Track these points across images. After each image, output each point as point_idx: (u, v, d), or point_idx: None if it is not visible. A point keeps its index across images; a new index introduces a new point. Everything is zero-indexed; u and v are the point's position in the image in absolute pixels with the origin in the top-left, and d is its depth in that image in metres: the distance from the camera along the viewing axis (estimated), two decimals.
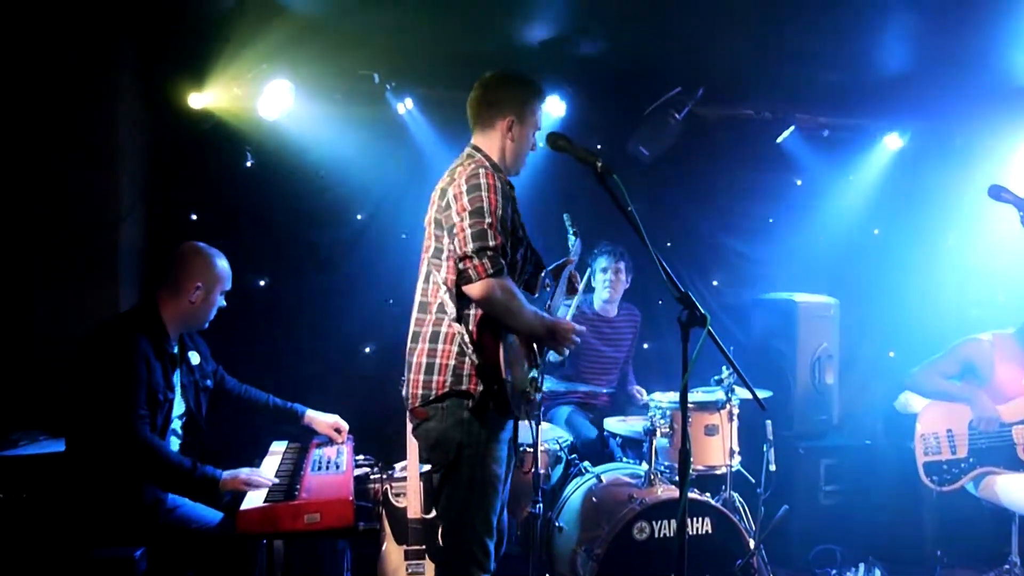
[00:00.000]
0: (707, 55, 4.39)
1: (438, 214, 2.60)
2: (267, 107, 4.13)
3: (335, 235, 4.59)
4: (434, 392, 2.56)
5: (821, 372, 4.65)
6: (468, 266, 2.47)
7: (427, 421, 2.60)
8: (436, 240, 2.61)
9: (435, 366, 2.57)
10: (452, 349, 2.56)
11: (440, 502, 2.63)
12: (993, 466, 3.81)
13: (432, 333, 2.59)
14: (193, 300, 2.96)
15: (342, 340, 4.55)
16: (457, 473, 2.57)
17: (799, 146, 5.21)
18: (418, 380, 2.59)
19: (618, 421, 4.18)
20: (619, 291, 4.50)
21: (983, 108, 4.98)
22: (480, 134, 2.76)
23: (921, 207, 5.40)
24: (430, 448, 2.62)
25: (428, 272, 2.65)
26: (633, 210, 2.32)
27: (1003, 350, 3.92)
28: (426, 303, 2.64)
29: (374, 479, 3.67)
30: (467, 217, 2.49)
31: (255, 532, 2.56)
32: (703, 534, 3.37)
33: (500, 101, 2.72)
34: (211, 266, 3.01)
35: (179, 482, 2.82)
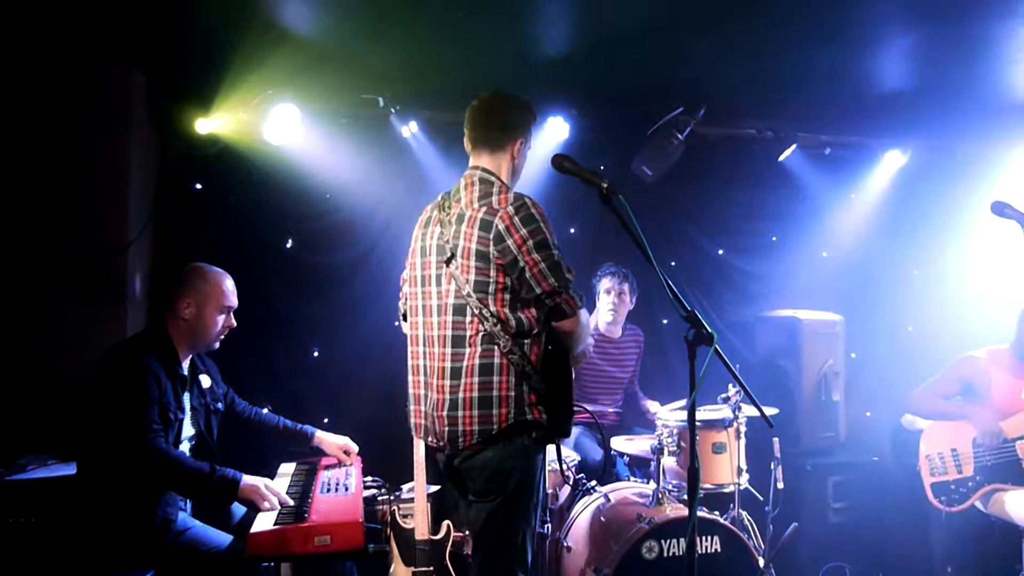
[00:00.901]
0: (709, 75, 4.42)
1: (480, 246, 2.50)
2: (273, 131, 4.18)
3: (341, 257, 4.62)
4: (497, 426, 2.50)
5: (827, 389, 4.64)
6: (559, 301, 2.50)
7: (482, 452, 2.53)
8: (479, 273, 2.50)
9: (493, 399, 2.50)
10: (510, 380, 2.51)
11: (490, 530, 2.56)
12: (1000, 483, 3.80)
13: (482, 366, 2.51)
14: (186, 317, 2.98)
15: (348, 362, 4.56)
16: (518, 501, 2.56)
17: (801, 164, 5.25)
18: (471, 416, 2.50)
19: (625, 440, 4.18)
20: (623, 313, 4.52)
21: (983, 125, 5.02)
22: (489, 156, 2.68)
23: (923, 223, 5.42)
24: (487, 478, 2.54)
25: (463, 305, 2.53)
26: (639, 230, 2.33)
27: (999, 365, 3.93)
28: (463, 337, 2.53)
29: (382, 500, 3.67)
30: (534, 251, 2.48)
31: (266, 555, 2.56)
32: (712, 553, 3.35)
33: (513, 124, 2.69)
34: (202, 282, 3.04)
35: (199, 486, 2.82)
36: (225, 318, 3.09)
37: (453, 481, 2.72)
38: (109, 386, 2.83)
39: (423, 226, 2.76)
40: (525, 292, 2.52)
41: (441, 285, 2.60)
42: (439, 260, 2.62)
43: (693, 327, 2.30)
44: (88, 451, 2.89)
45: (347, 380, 4.56)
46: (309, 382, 4.51)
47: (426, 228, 2.73)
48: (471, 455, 2.55)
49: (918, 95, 4.65)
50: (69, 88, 3.88)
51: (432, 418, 2.60)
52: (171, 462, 2.79)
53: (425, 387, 2.63)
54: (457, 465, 2.60)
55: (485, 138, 2.69)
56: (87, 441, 2.88)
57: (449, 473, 2.69)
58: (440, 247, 2.62)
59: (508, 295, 2.53)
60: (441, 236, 2.61)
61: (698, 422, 3.70)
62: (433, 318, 2.62)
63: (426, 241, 2.70)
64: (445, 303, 2.58)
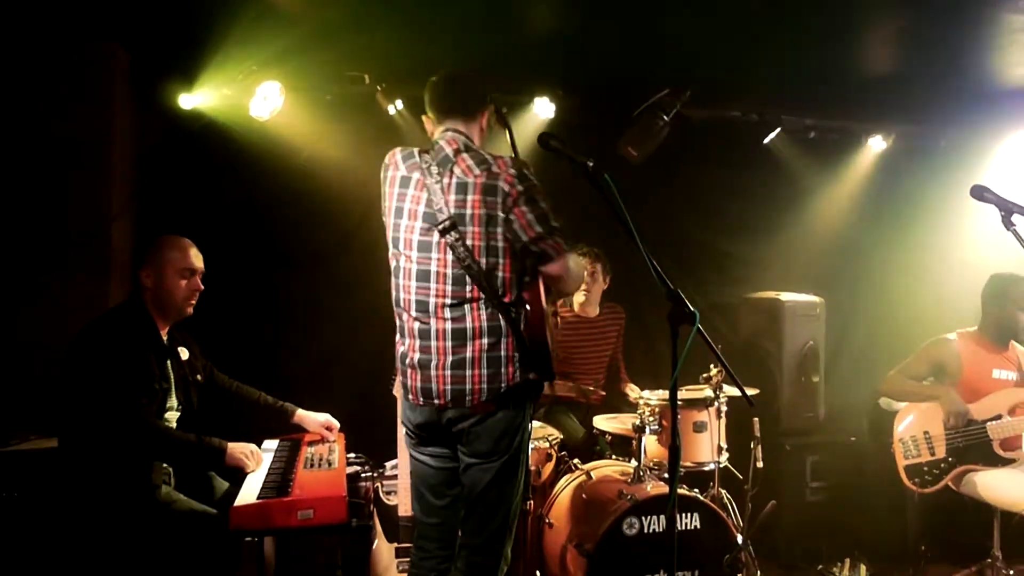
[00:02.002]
0: (695, 57, 4.43)
1: (489, 210, 2.53)
2: (258, 108, 4.15)
3: (327, 236, 4.61)
4: (505, 383, 2.54)
5: (807, 370, 4.69)
6: (544, 246, 2.52)
7: (493, 414, 2.56)
8: (490, 238, 2.54)
9: (502, 359, 2.55)
10: (515, 340, 2.57)
11: (492, 490, 2.60)
12: (972, 464, 3.87)
13: (490, 328, 2.55)
14: (148, 286, 3.03)
15: (333, 340, 4.57)
16: (519, 459, 2.64)
17: (785, 147, 5.28)
18: (480, 375, 2.53)
19: (607, 419, 4.22)
20: (596, 292, 4.56)
21: (966, 110, 5.06)
22: (463, 123, 2.73)
23: (905, 207, 5.48)
24: (496, 439, 2.57)
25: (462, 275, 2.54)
26: (624, 211, 2.35)
27: (969, 348, 4.00)
28: (464, 302, 2.55)
29: (365, 477, 3.69)
30: (524, 203, 2.53)
31: (248, 528, 2.58)
32: (691, 529, 3.40)
33: (482, 94, 2.77)
34: (158, 249, 3.08)
35: (188, 455, 2.91)
36: (188, 282, 3.08)
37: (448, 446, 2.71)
38: (93, 359, 2.84)
39: (399, 184, 2.69)
40: (514, 246, 2.55)
41: (435, 253, 2.58)
42: (427, 226, 2.58)
43: (676, 306, 2.31)
44: (70, 425, 2.89)
45: (332, 357, 4.57)
46: (294, 359, 4.51)
47: (405, 188, 2.67)
48: (482, 418, 2.56)
49: (902, 80, 4.68)
50: (51, 63, 3.83)
51: (433, 379, 2.58)
52: (159, 434, 2.85)
53: (422, 351, 2.59)
54: (465, 428, 2.59)
55: (459, 107, 2.74)
56: (70, 414, 2.89)
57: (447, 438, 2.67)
58: (428, 214, 2.58)
59: (513, 260, 2.57)
60: (430, 203, 2.58)
61: (680, 401, 3.71)
62: (431, 284, 2.59)
63: (404, 204, 2.65)
64: (443, 272, 2.57)
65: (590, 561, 3.23)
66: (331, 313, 4.54)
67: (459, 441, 2.64)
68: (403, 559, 3.61)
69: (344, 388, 4.44)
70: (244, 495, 2.69)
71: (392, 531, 3.65)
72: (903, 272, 5.52)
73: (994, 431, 3.85)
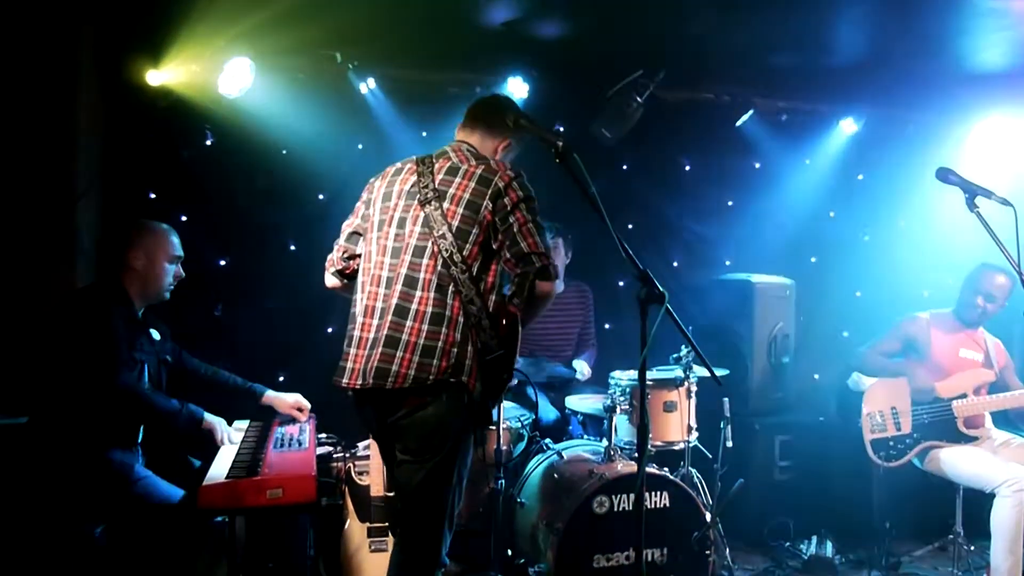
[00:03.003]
0: (668, 38, 4.44)
1: (475, 196, 2.53)
2: (227, 84, 4.09)
3: (297, 215, 4.57)
4: (433, 376, 2.46)
5: (777, 351, 4.74)
6: (547, 263, 2.52)
7: (423, 408, 2.50)
8: (464, 221, 2.52)
9: (436, 350, 2.47)
10: (457, 335, 2.49)
11: (422, 492, 2.54)
12: (936, 440, 3.95)
13: (433, 315, 2.49)
14: (138, 268, 3.11)
15: (304, 320, 4.54)
16: (452, 462, 2.54)
17: (758, 130, 5.30)
18: (409, 360, 2.47)
19: (579, 399, 4.25)
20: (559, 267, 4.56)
21: (936, 94, 5.11)
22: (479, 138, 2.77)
23: (875, 191, 5.54)
24: (425, 436, 2.52)
25: (423, 247, 2.53)
26: (594, 190, 2.34)
27: (940, 327, 4.08)
28: (417, 279, 2.52)
29: (337, 457, 3.69)
30: (526, 211, 2.53)
31: (217, 507, 2.57)
32: (661, 508, 3.44)
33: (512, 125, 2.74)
34: (148, 233, 3.18)
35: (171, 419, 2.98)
36: (175, 269, 3.22)
37: (380, 440, 2.70)
38: (75, 330, 2.90)
39: (389, 176, 2.73)
40: (508, 249, 2.51)
41: (405, 227, 2.58)
42: (408, 203, 2.60)
43: (645, 286, 2.30)
44: (42, 401, 2.90)
45: (303, 338, 4.53)
46: (264, 339, 4.47)
47: (394, 177, 2.71)
48: (410, 412, 2.51)
49: (873, 64, 4.71)
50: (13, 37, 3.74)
51: (365, 357, 2.54)
52: (145, 397, 2.92)
53: (376, 330, 2.55)
54: (391, 422, 2.56)
55: (482, 123, 2.78)
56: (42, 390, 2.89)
57: (379, 429, 2.65)
58: (412, 192, 2.61)
59: (483, 251, 2.55)
60: (416, 184, 2.61)
61: (650, 381, 3.77)
62: (387, 259, 2.59)
63: (392, 188, 2.67)
64: (406, 244, 2.56)
65: (560, 539, 3.26)
66: (302, 293, 4.49)
67: (393, 437, 2.60)
68: (375, 538, 3.61)
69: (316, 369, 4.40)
70: (213, 474, 2.68)
71: (364, 511, 3.65)
72: (873, 254, 5.59)
73: (959, 409, 3.93)
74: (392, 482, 2.74)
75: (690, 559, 3.45)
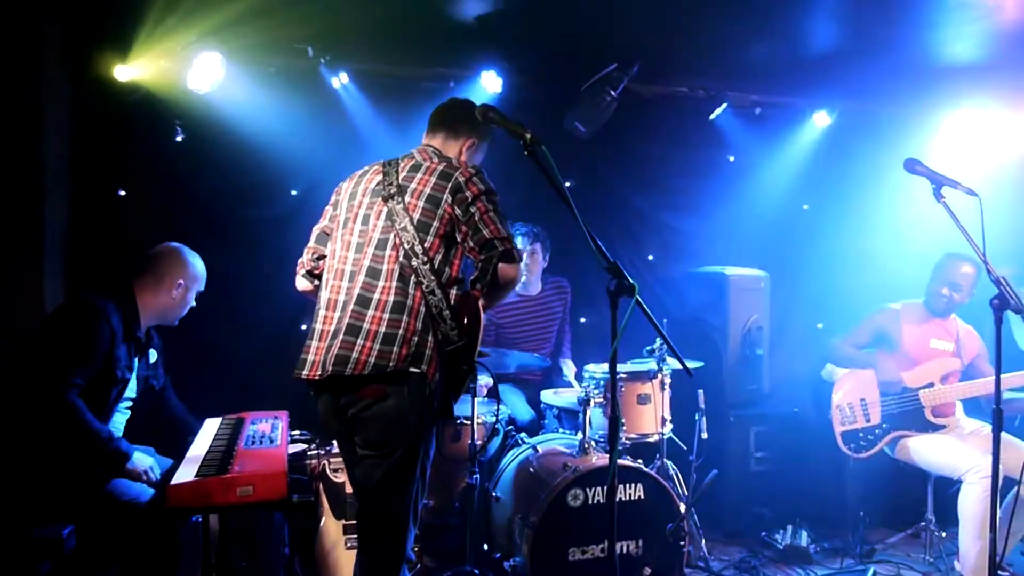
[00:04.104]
0: (642, 32, 4.44)
1: (435, 191, 2.59)
2: (197, 80, 4.05)
3: (269, 212, 4.53)
4: (393, 364, 2.47)
5: (752, 343, 4.77)
6: (510, 247, 2.56)
7: (383, 400, 2.50)
8: (424, 214, 2.58)
9: (397, 338, 2.49)
10: (418, 324, 2.52)
11: (386, 486, 2.54)
12: (905, 430, 4.00)
13: (395, 303, 2.52)
14: (175, 296, 3.20)
15: (277, 317, 4.50)
16: (415, 455, 2.54)
17: (732, 123, 5.32)
18: (370, 348, 2.48)
19: (554, 393, 4.26)
20: (536, 271, 4.58)
21: (907, 87, 5.15)
22: (442, 140, 2.85)
23: (848, 183, 5.58)
24: (386, 429, 2.52)
25: (385, 240, 2.57)
26: (562, 181, 2.33)
27: (911, 318, 4.13)
28: (379, 270, 2.56)
29: (312, 455, 3.68)
30: (488, 201, 2.59)
31: (186, 506, 2.54)
32: (636, 500, 3.45)
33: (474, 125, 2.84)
34: (194, 267, 3.29)
35: (92, 447, 2.85)
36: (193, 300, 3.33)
37: (338, 436, 2.69)
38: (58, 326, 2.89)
39: (356, 178, 2.81)
40: (471, 238, 2.56)
41: (368, 223, 2.64)
42: (372, 200, 2.67)
43: (615, 278, 2.32)
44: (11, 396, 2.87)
45: (278, 337, 4.50)
46: (238, 339, 4.44)
47: (360, 178, 2.78)
48: (370, 404, 2.51)
49: (845, 58, 4.74)
50: None
51: (326, 348, 2.55)
52: (77, 415, 2.80)
53: (338, 321, 2.57)
54: (352, 415, 2.56)
55: (448, 124, 2.86)
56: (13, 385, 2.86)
57: (338, 422, 2.64)
58: (376, 190, 2.68)
59: (444, 243, 2.59)
60: (381, 182, 2.68)
61: (624, 374, 3.78)
62: (350, 253, 2.64)
63: (358, 187, 2.75)
64: (369, 238, 2.62)
65: (535, 532, 3.27)
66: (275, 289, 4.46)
67: (354, 431, 2.59)
68: (351, 535, 3.60)
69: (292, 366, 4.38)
70: (182, 473, 2.64)
71: (340, 508, 3.64)
72: (846, 246, 5.63)
73: (926, 398, 3.98)
74: (353, 479, 2.72)
75: (665, 550, 3.46)
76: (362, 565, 2.65)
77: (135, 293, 3.10)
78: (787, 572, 4.05)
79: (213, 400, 3.62)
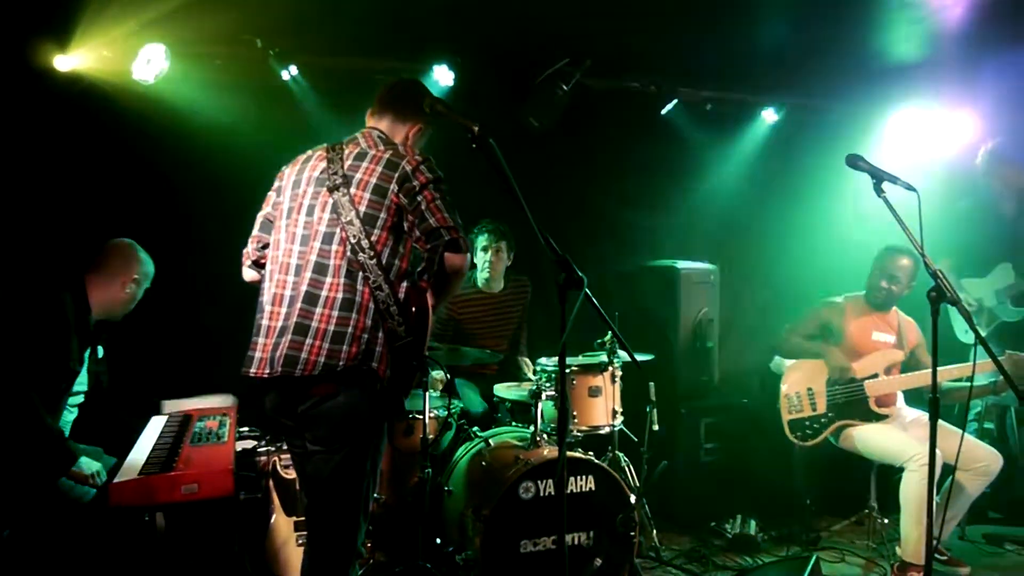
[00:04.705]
0: (594, 27, 4.47)
1: (381, 181, 2.53)
2: (142, 71, 3.97)
3: (218, 205, 4.44)
4: (344, 362, 2.43)
5: (702, 335, 4.84)
6: (457, 236, 2.51)
7: (334, 397, 2.47)
8: (371, 205, 2.51)
9: (347, 336, 2.45)
10: (367, 321, 2.48)
11: (336, 483, 2.51)
12: (849, 419, 4.10)
13: (344, 300, 2.47)
14: (126, 292, 3.22)
15: (226, 315, 4.42)
16: (365, 452, 2.52)
17: (683, 119, 5.39)
18: (320, 347, 2.43)
19: (507, 387, 4.27)
20: (500, 269, 4.58)
21: (854, 85, 5.26)
22: (390, 124, 2.77)
23: (795, 179, 5.68)
24: (336, 426, 2.49)
25: (331, 233, 2.52)
26: (510, 174, 2.33)
27: (854, 311, 4.23)
28: (326, 265, 2.50)
29: (263, 451, 3.63)
30: (435, 190, 2.53)
31: (130, 504, 2.50)
32: (587, 491, 3.47)
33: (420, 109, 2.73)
34: (146, 263, 3.33)
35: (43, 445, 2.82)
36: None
37: (287, 432, 2.65)
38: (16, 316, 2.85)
39: (300, 163, 2.73)
40: (417, 227, 2.51)
41: (313, 215, 2.57)
42: (316, 190, 2.60)
43: (564, 271, 2.31)
44: None
45: (225, 331, 4.42)
46: (186, 337, 4.37)
47: (304, 164, 2.70)
48: (320, 401, 2.48)
49: (793, 56, 4.83)
50: None
51: (272, 346, 2.50)
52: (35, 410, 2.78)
53: (285, 317, 2.52)
54: (302, 412, 2.52)
55: (396, 108, 2.78)
56: None
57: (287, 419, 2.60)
58: (320, 179, 2.60)
59: (392, 236, 2.54)
60: (326, 171, 2.60)
61: (575, 367, 3.81)
62: (295, 246, 2.57)
63: (302, 175, 2.66)
64: (315, 231, 2.55)
65: (487, 525, 3.27)
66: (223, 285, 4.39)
67: (303, 427, 2.56)
68: (301, 532, 3.57)
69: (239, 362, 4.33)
70: (125, 471, 2.60)
71: (291, 504, 3.60)
72: (794, 241, 5.73)
73: (870, 388, 4.08)
74: (302, 475, 2.69)
75: (616, 541, 3.49)
76: (311, 560, 2.62)
77: (86, 287, 3.07)
78: (736, 560, 4.12)
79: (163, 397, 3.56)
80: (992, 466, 3.85)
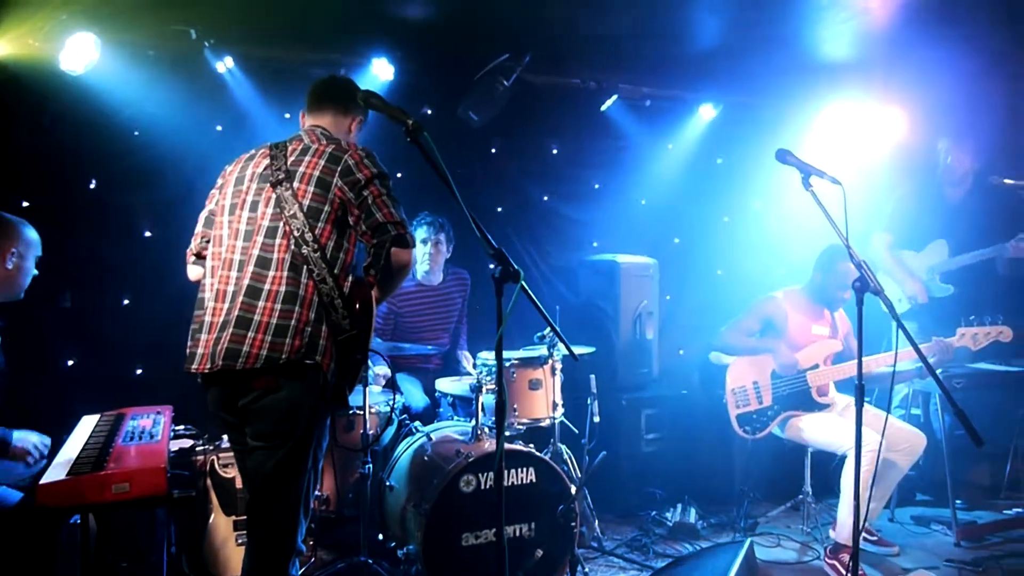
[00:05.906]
0: (534, 22, 4.48)
1: (324, 174, 2.54)
2: (70, 60, 3.86)
3: (152, 200, 4.36)
4: (286, 356, 2.42)
5: (642, 328, 4.90)
6: (403, 232, 2.54)
7: (276, 391, 2.45)
8: (314, 199, 2.52)
9: (289, 329, 2.43)
10: (311, 314, 2.47)
11: (276, 478, 2.49)
12: (794, 410, 4.20)
13: (286, 294, 2.46)
14: (10, 266, 3.04)
15: (163, 310, 4.33)
16: (307, 446, 2.51)
17: (623, 114, 5.45)
18: (262, 340, 2.42)
19: (449, 381, 4.27)
20: (439, 262, 4.59)
21: (786, 82, 5.38)
22: (331, 119, 2.80)
23: (733, 174, 5.80)
24: (278, 421, 2.47)
25: (275, 228, 2.51)
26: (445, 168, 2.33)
27: (793, 304, 4.32)
28: (269, 259, 2.49)
29: (200, 450, 3.58)
30: (380, 184, 2.56)
31: (58, 506, 2.43)
32: (528, 483, 3.50)
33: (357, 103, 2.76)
34: (23, 232, 3.10)
35: None
36: (33, 267, 3.17)
37: (229, 427, 2.63)
38: None
39: (243, 162, 2.73)
40: (364, 222, 2.53)
41: (256, 210, 2.57)
42: (260, 186, 2.60)
43: (500, 264, 2.33)
44: None
45: (162, 328, 4.33)
46: (119, 331, 4.26)
47: (247, 162, 2.70)
48: (261, 395, 2.47)
49: (729, 53, 4.92)
50: None
51: (214, 340, 2.48)
52: None
53: (227, 313, 2.50)
54: (243, 406, 2.50)
55: (337, 102, 2.82)
56: None
57: (229, 414, 2.58)
58: (264, 175, 2.61)
59: (336, 229, 2.55)
60: (269, 167, 2.61)
61: (515, 360, 3.83)
62: (239, 242, 2.57)
63: (245, 172, 2.67)
64: (258, 226, 2.54)
65: (428, 519, 3.27)
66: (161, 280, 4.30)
67: (245, 422, 2.54)
68: (241, 532, 3.53)
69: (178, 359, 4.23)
70: (53, 472, 2.53)
71: (230, 503, 3.56)
72: (731, 235, 5.86)
73: (812, 379, 4.19)
74: (243, 471, 2.66)
75: (557, 532, 3.53)
76: (251, 558, 2.60)
77: None
78: (676, 548, 4.20)
79: (95, 396, 3.47)
80: (916, 446, 4.00)
